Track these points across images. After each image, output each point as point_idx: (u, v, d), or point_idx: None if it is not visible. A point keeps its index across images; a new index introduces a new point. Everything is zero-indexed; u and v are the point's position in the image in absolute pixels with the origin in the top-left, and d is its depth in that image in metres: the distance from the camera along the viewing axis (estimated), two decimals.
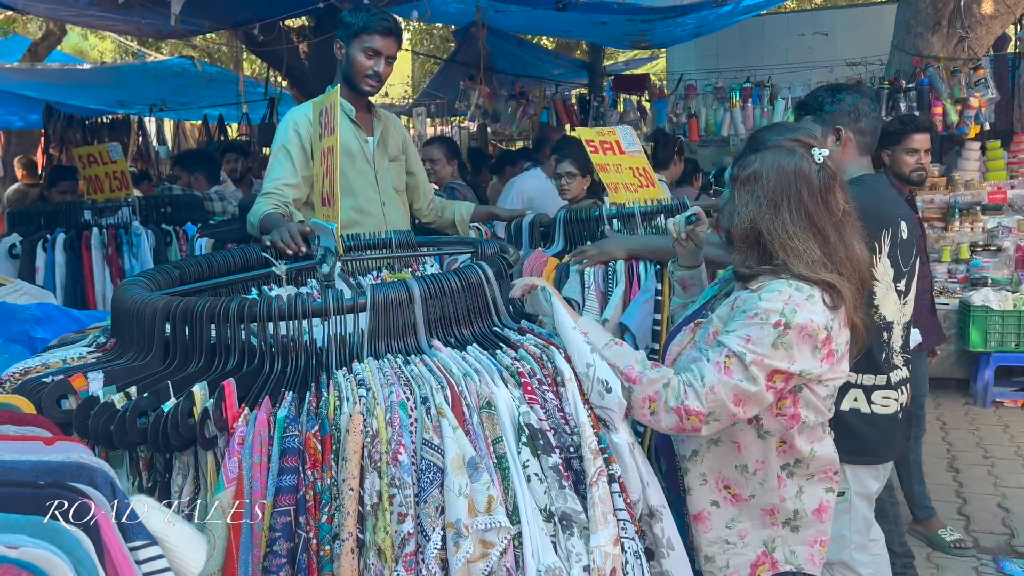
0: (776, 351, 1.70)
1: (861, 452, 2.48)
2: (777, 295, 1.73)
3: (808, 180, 1.79)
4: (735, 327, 1.73)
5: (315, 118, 1.82)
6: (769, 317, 1.70)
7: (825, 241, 1.80)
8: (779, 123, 2.11)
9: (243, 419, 1.26)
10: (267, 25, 5.88)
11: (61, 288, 3.48)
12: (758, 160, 1.81)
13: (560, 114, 7.92)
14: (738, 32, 8.84)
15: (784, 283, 1.75)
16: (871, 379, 2.47)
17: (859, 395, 2.48)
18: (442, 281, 1.51)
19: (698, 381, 1.68)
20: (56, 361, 1.56)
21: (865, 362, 2.40)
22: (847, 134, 2.51)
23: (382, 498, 1.21)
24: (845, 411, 2.46)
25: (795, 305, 1.72)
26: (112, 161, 3.93)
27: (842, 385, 2.33)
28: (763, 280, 1.79)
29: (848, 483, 2.50)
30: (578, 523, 1.32)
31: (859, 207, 2.31)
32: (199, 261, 1.96)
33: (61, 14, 6.59)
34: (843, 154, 2.52)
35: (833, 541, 2.50)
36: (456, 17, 7.57)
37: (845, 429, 2.42)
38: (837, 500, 2.45)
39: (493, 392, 1.34)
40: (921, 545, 3.61)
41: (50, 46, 11.76)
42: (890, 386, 2.49)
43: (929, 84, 6.28)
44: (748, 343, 1.70)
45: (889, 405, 2.50)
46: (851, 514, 2.51)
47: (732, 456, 1.84)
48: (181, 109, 10.16)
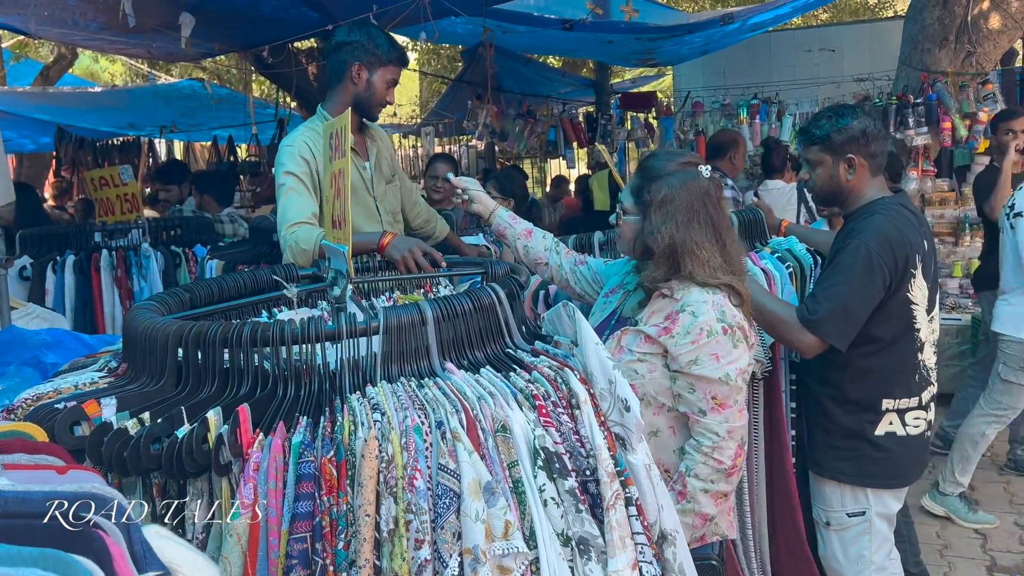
0: (737, 350, 1.97)
1: (896, 476, 2.50)
2: (704, 305, 1.97)
3: (708, 194, 2.04)
4: (691, 355, 1.95)
5: (325, 140, 1.82)
6: (714, 327, 1.95)
7: (723, 247, 2.04)
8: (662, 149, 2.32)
9: (258, 445, 1.25)
10: (276, 48, 5.92)
11: (71, 310, 3.49)
12: (665, 184, 2.04)
13: (568, 132, 7.96)
14: (745, 49, 8.86)
15: (699, 291, 1.99)
16: (905, 402, 2.46)
17: (894, 419, 2.47)
18: (454, 303, 1.50)
19: (709, 441, 1.94)
20: (68, 387, 1.55)
21: (904, 387, 2.46)
22: (859, 161, 2.50)
23: (398, 524, 1.20)
24: (881, 435, 2.45)
25: (722, 307, 1.98)
26: (123, 183, 3.96)
27: (876, 410, 2.44)
28: (677, 288, 2.01)
29: (869, 504, 2.49)
30: (595, 547, 1.30)
31: (892, 241, 2.39)
32: (210, 284, 1.96)
33: (72, 38, 6.65)
34: (859, 180, 2.52)
35: (852, 562, 2.50)
36: (464, 37, 7.61)
37: (881, 454, 2.45)
38: (855, 521, 2.46)
39: (508, 415, 1.33)
40: (937, 565, 3.57)
41: (62, 69, 11.89)
42: (921, 406, 2.49)
43: (937, 99, 6.27)
44: (719, 360, 1.94)
45: (919, 425, 2.50)
46: (871, 535, 2.49)
47: (670, 441, 2.04)
48: (191, 130, 10.24)
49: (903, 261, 2.38)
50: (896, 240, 2.39)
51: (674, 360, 1.97)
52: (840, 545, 2.52)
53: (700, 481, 1.94)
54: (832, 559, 2.55)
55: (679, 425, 2.03)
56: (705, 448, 1.94)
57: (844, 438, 2.48)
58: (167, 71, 13.99)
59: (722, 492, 1.96)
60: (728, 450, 1.94)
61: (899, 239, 2.39)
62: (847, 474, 2.47)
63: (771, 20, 7.48)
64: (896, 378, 2.44)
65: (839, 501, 2.50)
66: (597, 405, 1.44)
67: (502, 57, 7.65)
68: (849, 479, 2.47)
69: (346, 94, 2.77)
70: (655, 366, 2.00)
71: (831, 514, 2.52)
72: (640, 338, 2.02)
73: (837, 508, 2.51)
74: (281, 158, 2.70)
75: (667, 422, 2.03)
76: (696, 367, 1.95)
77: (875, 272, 2.35)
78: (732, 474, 1.96)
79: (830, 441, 2.51)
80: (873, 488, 2.47)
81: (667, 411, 2.03)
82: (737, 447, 1.96)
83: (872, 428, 2.45)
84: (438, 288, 2.30)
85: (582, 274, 2.45)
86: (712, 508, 1.96)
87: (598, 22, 6.24)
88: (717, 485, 1.94)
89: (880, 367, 2.43)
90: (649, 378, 2.00)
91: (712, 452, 1.94)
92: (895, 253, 2.37)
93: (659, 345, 1.99)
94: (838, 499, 2.50)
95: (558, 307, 1.66)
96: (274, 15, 5.50)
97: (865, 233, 2.42)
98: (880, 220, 2.44)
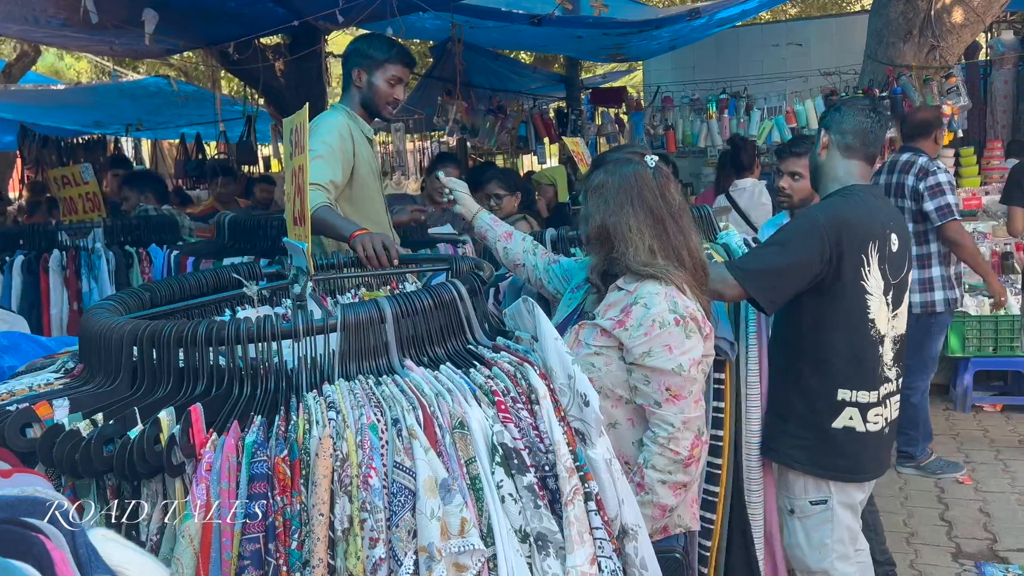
0: (689, 340, 1.98)
1: (852, 471, 2.50)
2: (656, 296, 1.99)
3: (645, 180, 2.09)
4: (645, 347, 1.97)
5: (286, 136, 1.80)
6: (666, 319, 1.97)
7: (664, 231, 2.06)
8: (619, 145, 2.36)
9: (211, 445, 1.23)
10: (242, 44, 5.87)
11: (17, 311, 3.41)
12: (603, 172, 2.13)
13: (538, 128, 7.95)
14: (714, 44, 8.91)
15: (652, 283, 2.01)
16: (865, 396, 2.46)
17: (855, 413, 2.46)
18: (414, 299, 1.49)
19: (664, 432, 1.96)
20: (22, 388, 1.52)
21: (860, 378, 2.45)
22: (826, 137, 2.55)
23: (353, 523, 1.19)
24: (839, 429, 2.45)
25: (674, 299, 2.00)
26: (84, 182, 3.90)
27: (835, 403, 2.44)
28: (630, 280, 2.04)
29: (831, 492, 2.50)
30: (554, 543, 1.30)
31: (843, 220, 2.41)
32: (170, 283, 1.93)
33: (34, 35, 6.55)
34: (823, 156, 2.57)
35: (814, 550, 2.53)
36: (432, 33, 7.59)
37: (836, 448, 2.46)
38: (818, 509, 2.49)
39: (466, 412, 1.32)
40: (903, 553, 3.61)
41: (24, 67, 11.68)
42: (879, 402, 2.49)
43: (902, 93, 6.34)
44: (672, 351, 1.96)
45: (878, 423, 2.49)
46: (833, 523, 2.51)
47: (628, 433, 2.06)
48: (158, 128, 10.13)
49: (852, 243, 2.38)
50: (847, 221, 2.39)
51: (628, 352, 2.00)
52: (803, 533, 2.53)
53: (658, 472, 1.96)
54: (796, 547, 2.57)
55: (638, 417, 2.06)
56: (661, 439, 1.96)
57: (799, 426, 2.48)
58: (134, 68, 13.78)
59: (680, 483, 1.98)
60: (684, 440, 1.96)
61: (851, 221, 2.40)
62: (799, 462, 2.49)
63: (738, 15, 7.53)
64: (853, 368, 2.44)
65: (802, 489, 2.51)
66: (557, 400, 1.44)
67: (471, 52, 7.63)
68: (801, 467, 2.48)
69: (356, 95, 3.02)
70: (611, 359, 2.03)
71: (794, 502, 2.54)
72: (596, 331, 2.04)
73: (800, 496, 2.52)
74: (319, 130, 2.84)
75: (625, 414, 2.06)
76: (650, 359, 1.97)
77: (814, 241, 2.36)
78: (690, 464, 1.98)
79: (786, 428, 2.51)
80: (833, 480, 2.48)
81: (625, 403, 2.05)
82: (694, 437, 1.98)
83: (829, 419, 2.45)
84: (404, 285, 2.29)
85: (554, 272, 2.49)
86: (671, 499, 1.98)
87: (566, 17, 6.24)
88: (675, 476, 1.97)
89: (835, 354, 2.43)
90: (606, 371, 2.02)
91: (668, 443, 1.96)
92: (842, 232, 2.38)
93: (614, 338, 2.01)
94: (801, 487, 2.52)
95: (518, 302, 1.66)
96: (239, 11, 5.45)
97: (818, 207, 2.52)
98: (838, 200, 2.49)
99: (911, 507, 4.14)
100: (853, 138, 2.52)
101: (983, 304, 5.57)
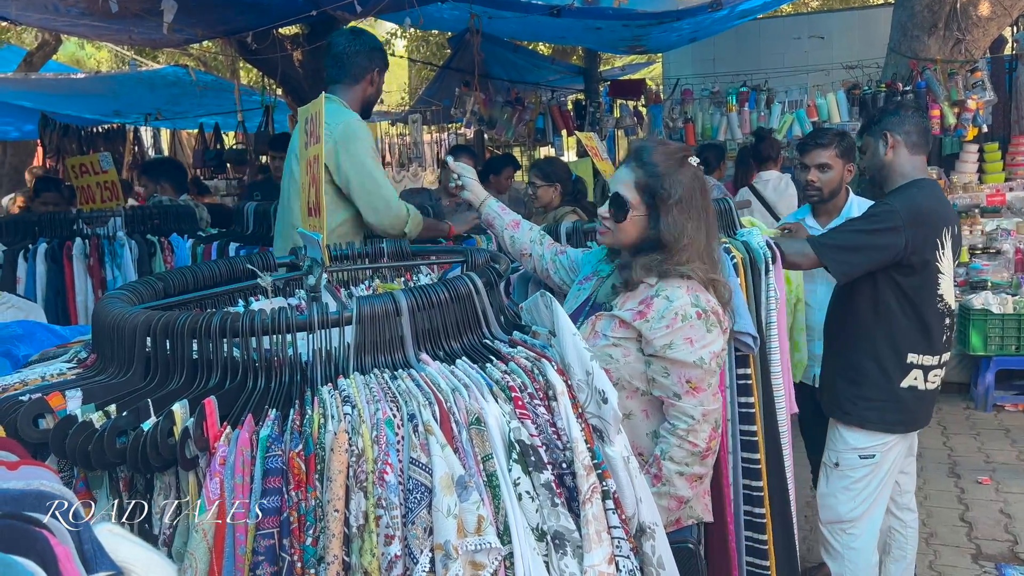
0: (711, 334, 2.00)
1: (906, 423, 2.88)
2: (678, 289, 2.00)
3: (705, 187, 2.11)
4: (666, 339, 1.97)
5: (301, 125, 1.78)
6: (688, 312, 1.98)
7: (710, 234, 2.09)
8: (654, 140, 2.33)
9: (224, 438, 1.22)
10: (260, 33, 5.84)
11: (41, 299, 3.43)
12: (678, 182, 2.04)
13: (556, 120, 7.89)
14: (734, 36, 8.81)
15: (676, 280, 2.02)
16: (929, 359, 2.83)
17: (919, 374, 2.83)
18: (430, 292, 1.46)
19: (684, 424, 1.97)
20: (35, 378, 1.52)
21: (927, 344, 2.82)
22: (893, 138, 2.85)
23: (368, 519, 1.17)
24: (904, 388, 2.82)
25: (696, 292, 2.01)
26: (103, 171, 3.90)
27: (904, 365, 2.82)
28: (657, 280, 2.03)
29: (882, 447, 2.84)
30: (571, 542, 1.27)
31: (920, 208, 2.75)
32: (184, 272, 1.92)
33: (54, 24, 6.55)
34: (891, 156, 2.87)
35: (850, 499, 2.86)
36: (451, 24, 7.54)
37: (899, 404, 2.84)
38: (864, 463, 2.85)
39: (483, 407, 1.30)
40: (922, 554, 3.57)
41: (46, 56, 11.74)
42: (940, 365, 2.87)
43: (926, 87, 6.25)
44: (693, 344, 1.97)
45: (936, 382, 2.88)
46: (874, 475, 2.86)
47: (642, 424, 2.06)
48: (177, 118, 10.14)
49: (929, 229, 2.74)
50: (924, 210, 2.74)
51: (648, 344, 2.00)
52: (842, 485, 2.87)
53: (675, 464, 1.97)
54: (830, 496, 2.92)
55: (652, 409, 2.07)
56: (680, 431, 1.97)
57: (872, 388, 2.82)
58: (153, 58, 13.83)
59: (697, 475, 2.00)
60: (703, 433, 1.98)
61: (928, 209, 2.75)
62: (871, 421, 2.83)
63: (759, 7, 7.43)
64: (922, 336, 2.80)
65: (857, 444, 2.85)
66: (574, 397, 1.41)
67: (489, 44, 7.58)
68: (872, 425, 2.82)
69: (362, 94, 3.00)
70: (629, 351, 2.03)
71: (842, 455, 2.88)
72: (615, 323, 2.04)
73: (851, 451, 2.86)
74: (362, 135, 2.84)
75: (640, 406, 2.06)
76: (671, 351, 1.98)
77: (890, 228, 2.69)
78: (707, 456, 2.00)
79: (860, 392, 2.84)
80: (891, 434, 2.83)
81: (640, 395, 2.05)
82: (711, 430, 2.00)
83: (898, 380, 2.81)
84: (418, 277, 2.27)
85: (561, 264, 2.47)
86: (687, 491, 1.99)
87: (586, 8, 6.17)
88: (692, 468, 1.98)
89: (909, 324, 2.79)
90: (623, 362, 2.02)
91: (687, 435, 1.97)
92: (919, 220, 2.72)
93: (633, 330, 2.01)
94: (857, 442, 2.85)
95: (535, 296, 1.63)
96: (258, 0, 5.43)
97: (894, 198, 2.79)
98: (913, 191, 2.80)
99: (930, 507, 4.09)
100: (918, 136, 2.87)
101: (1006, 302, 5.49)
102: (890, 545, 3.11)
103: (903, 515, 3.11)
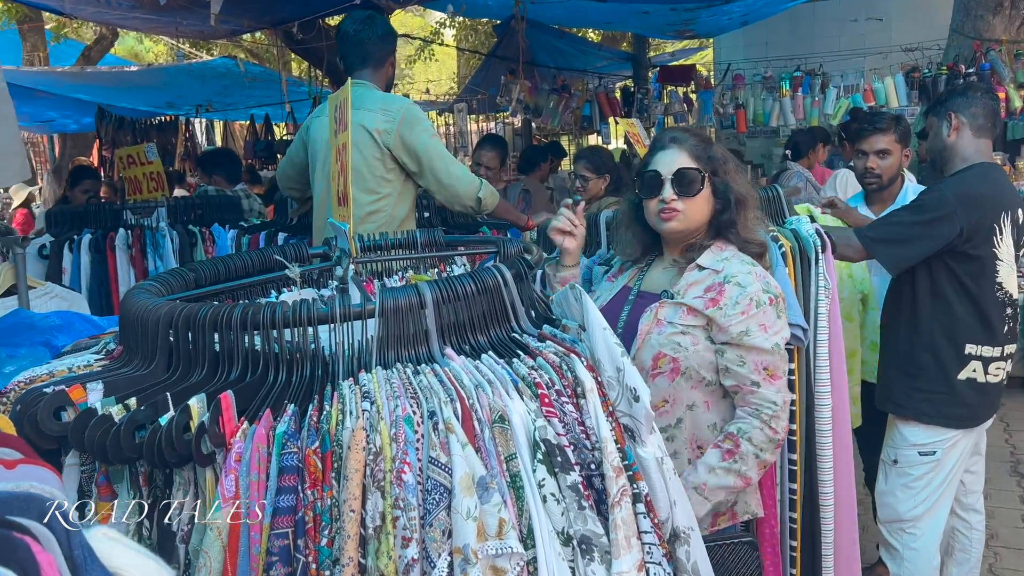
0: (780, 320, 1.98)
1: (966, 418, 2.75)
2: (749, 276, 1.98)
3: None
4: (742, 326, 1.94)
5: (330, 113, 1.74)
6: (762, 298, 1.95)
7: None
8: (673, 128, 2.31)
9: (241, 434, 1.18)
10: (306, 23, 5.86)
11: (86, 289, 3.48)
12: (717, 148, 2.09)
13: (603, 107, 7.78)
14: (788, 19, 8.57)
15: (738, 263, 2.01)
16: (989, 351, 2.71)
17: (978, 366, 2.71)
18: (456, 284, 1.41)
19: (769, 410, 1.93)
20: (62, 369, 1.51)
21: (986, 334, 2.71)
22: (957, 119, 2.73)
23: (385, 520, 1.12)
24: (962, 380, 2.70)
25: (765, 278, 2.00)
26: (148, 161, 3.94)
27: (962, 356, 2.71)
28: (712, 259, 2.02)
29: (942, 444, 2.72)
30: (599, 547, 1.21)
31: (974, 193, 2.63)
32: (215, 263, 1.90)
33: (107, 17, 6.67)
34: (953, 138, 2.75)
35: (910, 498, 2.76)
36: (495, 11, 7.47)
37: (959, 398, 2.72)
38: (925, 459, 2.74)
39: (507, 405, 1.24)
40: (983, 556, 3.42)
41: (103, 50, 12.01)
42: (1003, 357, 2.74)
43: (991, 69, 5.99)
44: (767, 330, 1.94)
45: (999, 375, 2.75)
46: (935, 473, 2.74)
47: (704, 416, 2.02)
48: (228, 109, 10.27)
49: (984, 214, 2.61)
50: (979, 194, 2.62)
51: (722, 331, 1.95)
52: (902, 483, 2.77)
53: (753, 446, 1.93)
54: (889, 494, 2.82)
55: (714, 400, 2.02)
56: (764, 415, 1.94)
57: (928, 380, 2.72)
58: (207, 50, 14.04)
59: (766, 462, 1.97)
60: (783, 421, 1.96)
61: (983, 194, 2.63)
62: (927, 414, 2.72)
63: None
64: (981, 325, 2.69)
65: (914, 440, 2.74)
66: (604, 394, 1.35)
67: (535, 31, 7.49)
68: (929, 419, 2.71)
69: (385, 77, 3.09)
70: (698, 339, 1.98)
71: (901, 452, 2.78)
72: (682, 310, 2.00)
73: (911, 447, 2.75)
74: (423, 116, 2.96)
75: (704, 396, 2.01)
76: (747, 338, 1.94)
77: (942, 216, 2.58)
78: (778, 447, 1.98)
79: (915, 384, 2.74)
80: (950, 428, 2.72)
81: (705, 385, 2.01)
82: (787, 420, 1.98)
83: (956, 372, 2.70)
84: (452, 268, 2.22)
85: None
86: (755, 474, 1.96)
87: None
88: (765, 454, 1.94)
89: (966, 313, 2.68)
90: (693, 351, 1.97)
91: (770, 420, 1.94)
92: (973, 205, 2.60)
93: (703, 317, 1.97)
94: (917, 438, 2.74)
95: (565, 289, 1.57)
96: None
97: (947, 185, 2.68)
98: (967, 176, 2.68)
99: (991, 507, 3.92)
100: (984, 119, 2.75)
101: None
102: (953, 547, 2.99)
103: (968, 516, 2.98)
